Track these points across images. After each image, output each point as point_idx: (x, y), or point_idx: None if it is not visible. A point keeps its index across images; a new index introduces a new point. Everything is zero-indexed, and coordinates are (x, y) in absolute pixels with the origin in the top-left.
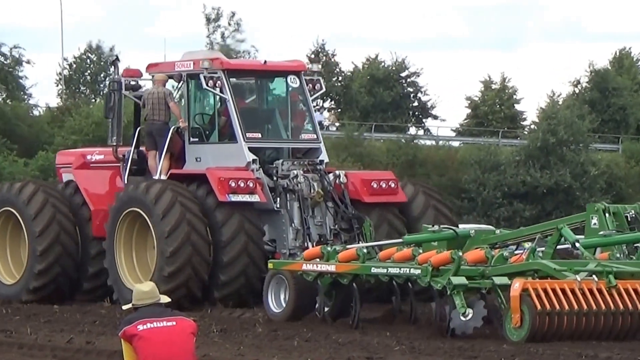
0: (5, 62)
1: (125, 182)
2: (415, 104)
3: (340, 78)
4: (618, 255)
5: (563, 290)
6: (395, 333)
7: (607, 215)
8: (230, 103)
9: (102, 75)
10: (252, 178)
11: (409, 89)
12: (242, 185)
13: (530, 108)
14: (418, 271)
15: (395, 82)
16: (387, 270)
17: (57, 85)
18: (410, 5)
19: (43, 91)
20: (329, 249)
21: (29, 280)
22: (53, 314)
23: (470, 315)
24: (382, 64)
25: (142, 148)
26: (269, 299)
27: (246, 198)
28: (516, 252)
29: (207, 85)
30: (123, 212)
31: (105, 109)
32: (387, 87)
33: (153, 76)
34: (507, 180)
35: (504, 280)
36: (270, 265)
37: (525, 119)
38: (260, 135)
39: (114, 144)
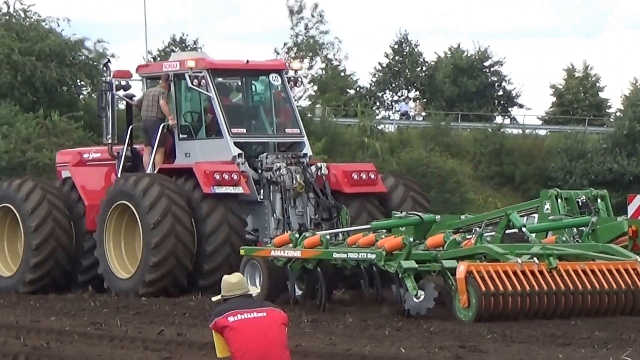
0: (89, 56)
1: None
2: (500, 93)
3: (424, 68)
4: (564, 238)
5: (505, 272)
6: (485, 322)
7: (559, 200)
8: (215, 100)
9: None
10: (237, 171)
11: (492, 78)
12: (226, 177)
13: (613, 96)
14: (373, 256)
15: (479, 71)
16: (347, 255)
17: (292, 64)
18: None
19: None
20: (296, 235)
21: (25, 272)
22: (142, 306)
23: (422, 297)
24: (465, 53)
25: (135, 145)
26: None
27: (230, 190)
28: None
29: (192, 84)
30: (113, 205)
31: (97, 108)
32: (471, 76)
33: (142, 77)
34: (593, 168)
35: (453, 263)
36: (242, 252)
37: (610, 107)
38: (245, 131)
39: (109, 142)
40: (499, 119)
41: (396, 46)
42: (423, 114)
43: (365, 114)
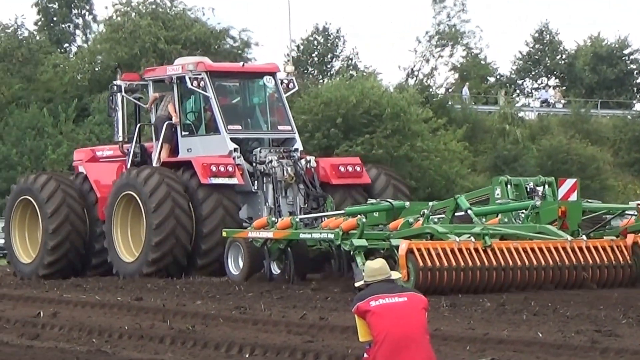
0: (234, 45)
1: None
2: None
3: (563, 56)
4: (505, 220)
5: (443, 250)
6: (620, 306)
7: (508, 186)
8: (212, 100)
9: (329, 56)
10: (232, 163)
11: (632, 66)
12: (222, 169)
13: None
14: (332, 235)
15: (618, 59)
16: (311, 235)
17: (285, 67)
18: None
19: None
20: (273, 219)
21: (44, 255)
22: (285, 290)
23: None
24: (605, 41)
25: (144, 143)
26: (228, 264)
27: (226, 180)
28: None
29: (192, 85)
30: (119, 195)
31: (107, 109)
32: (611, 64)
33: (149, 80)
34: None
35: (399, 242)
36: (224, 234)
37: None
38: (240, 128)
39: (120, 140)
40: (638, 107)
41: (536, 35)
42: (563, 101)
43: (506, 101)
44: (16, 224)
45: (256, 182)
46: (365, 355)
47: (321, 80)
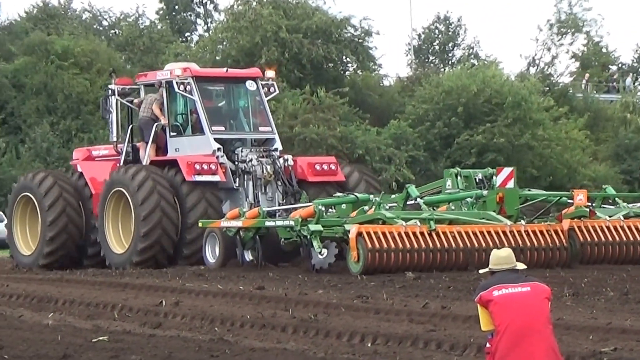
0: (355, 33)
1: None
2: None
3: None
4: (453, 207)
5: (391, 233)
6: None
7: (458, 178)
8: (198, 103)
9: (450, 45)
10: (215, 162)
11: None
12: (205, 167)
13: None
14: (292, 222)
15: None
16: (275, 222)
17: (407, 56)
18: None
19: (392, 61)
20: (244, 210)
21: (43, 246)
22: (407, 279)
23: (325, 254)
24: None
25: (136, 143)
26: (206, 252)
27: (208, 178)
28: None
29: (178, 89)
30: (110, 192)
31: (101, 111)
32: None
33: (141, 84)
34: None
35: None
36: (200, 224)
37: None
38: (224, 129)
39: (114, 140)
40: None
41: None
42: None
43: (627, 89)
44: (17, 219)
45: (238, 179)
46: (488, 345)
47: (442, 69)
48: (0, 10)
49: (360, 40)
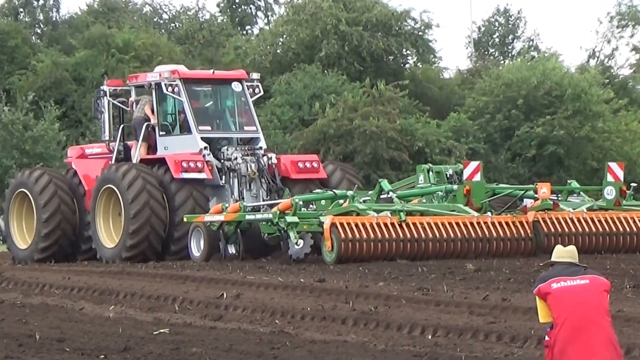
0: (415, 26)
1: None
2: None
3: None
4: (424, 200)
5: (363, 224)
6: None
7: (430, 173)
8: (185, 104)
9: (510, 37)
10: (202, 160)
11: None
12: (192, 165)
13: None
14: (271, 215)
15: None
16: (255, 216)
17: (467, 48)
18: None
19: (452, 54)
20: (226, 205)
21: (38, 242)
22: (468, 272)
23: (301, 244)
24: None
25: (127, 142)
26: (191, 246)
27: (195, 175)
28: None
29: (167, 90)
30: (100, 189)
31: (93, 111)
32: None
33: (132, 85)
34: None
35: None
36: (185, 219)
37: None
38: (210, 128)
39: (107, 139)
40: None
41: None
42: None
43: None
44: (14, 215)
45: (224, 176)
46: (547, 337)
47: (502, 62)
48: (60, 4)
49: (420, 33)
